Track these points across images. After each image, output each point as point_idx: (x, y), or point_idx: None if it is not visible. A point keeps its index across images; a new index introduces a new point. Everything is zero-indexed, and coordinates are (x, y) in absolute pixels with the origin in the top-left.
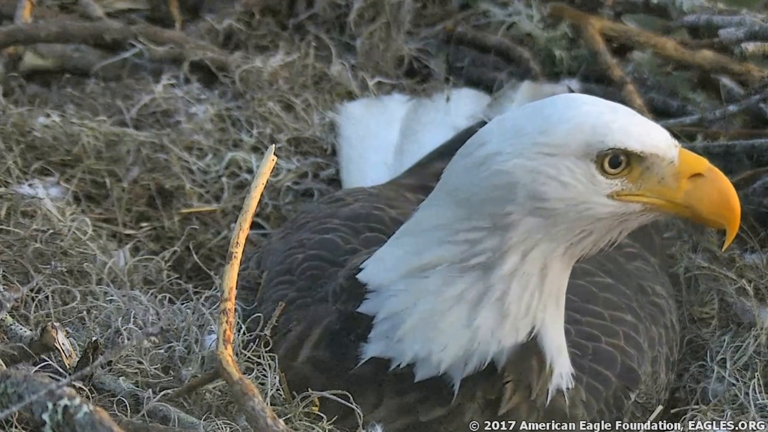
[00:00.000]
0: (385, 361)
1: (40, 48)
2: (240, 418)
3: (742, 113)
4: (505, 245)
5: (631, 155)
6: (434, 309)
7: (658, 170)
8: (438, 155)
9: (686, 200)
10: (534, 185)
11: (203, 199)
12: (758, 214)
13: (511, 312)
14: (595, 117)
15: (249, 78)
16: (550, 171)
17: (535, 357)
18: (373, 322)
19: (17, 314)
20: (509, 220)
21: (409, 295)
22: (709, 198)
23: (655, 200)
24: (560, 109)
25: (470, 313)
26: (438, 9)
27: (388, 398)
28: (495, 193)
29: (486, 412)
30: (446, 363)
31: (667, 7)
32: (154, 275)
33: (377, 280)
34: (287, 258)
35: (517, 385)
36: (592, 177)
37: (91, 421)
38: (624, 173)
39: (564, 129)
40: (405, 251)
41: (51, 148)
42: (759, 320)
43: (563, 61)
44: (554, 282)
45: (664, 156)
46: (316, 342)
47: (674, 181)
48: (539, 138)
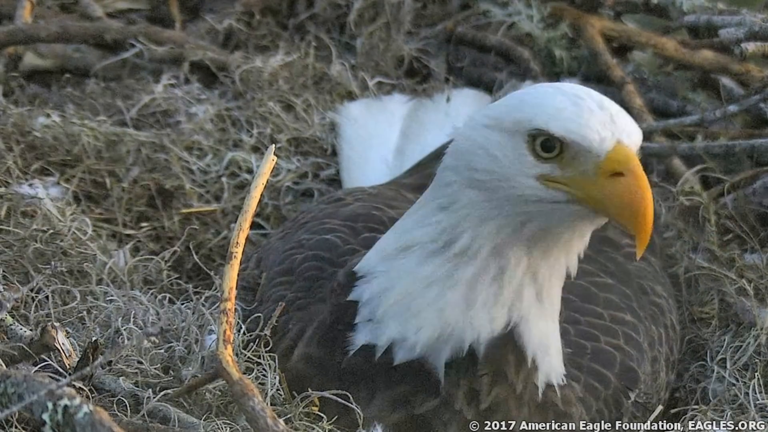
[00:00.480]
0: (371, 349)
1: (40, 48)
2: (240, 418)
3: (742, 113)
4: (456, 222)
5: (563, 142)
6: (408, 290)
7: (584, 162)
8: (438, 156)
9: (599, 196)
10: (468, 154)
11: (203, 199)
12: (758, 214)
13: (477, 298)
14: (538, 98)
15: (249, 78)
16: (482, 141)
17: (512, 351)
18: (358, 306)
19: (17, 314)
20: (453, 191)
21: (389, 277)
22: (619, 198)
23: (576, 192)
24: (527, 89)
25: (438, 295)
26: (438, 9)
27: (380, 391)
28: (448, 161)
29: (472, 404)
30: (421, 345)
31: (667, 7)
32: (154, 275)
33: (366, 266)
34: (287, 258)
35: (495, 378)
36: (520, 155)
37: (91, 421)
38: (556, 159)
39: (505, 104)
40: (391, 235)
41: (51, 148)
42: (759, 320)
43: (563, 61)
44: (520, 274)
45: (590, 148)
46: (309, 339)
47: (595, 176)
48: (486, 110)
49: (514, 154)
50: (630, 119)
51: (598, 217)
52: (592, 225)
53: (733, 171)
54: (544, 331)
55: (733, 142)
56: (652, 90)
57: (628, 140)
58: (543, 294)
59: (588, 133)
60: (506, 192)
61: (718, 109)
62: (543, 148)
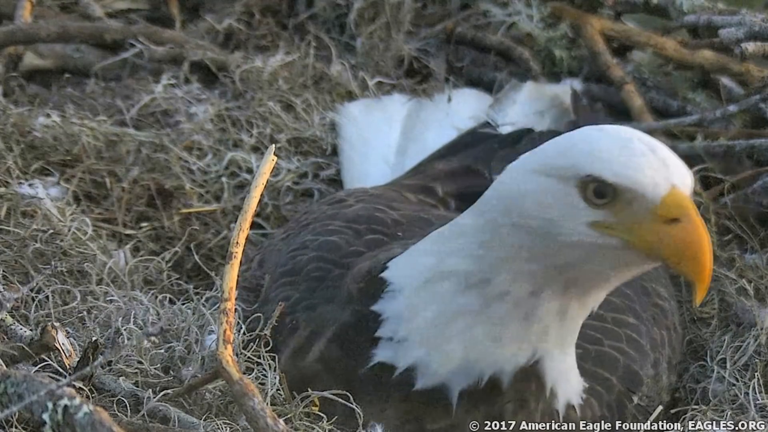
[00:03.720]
0: (390, 367)
1: (40, 48)
2: (240, 418)
3: (742, 113)
4: (498, 261)
5: (616, 188)
6: (437, 317)
7: (638, 208)
8: (440, 156)
9: (655, 243)
10: (518, 199)
11: (203, 199)
12: (758, 214)
13: (505, 334)
14: (588, 143)
15: (249, 78)
16: (532, 187)
17: (534, 381)
18: (380, 319)
19: (17, 314)
20: (501, 233)
21: (418, 299)
22: (678, 245)
23: (631, 238)
24: (574, 133)
25: (467, 327)
26: (438, 9)
27: (394, 403)
28: (495, 204)
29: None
30: (443, 373)
31: (667, 7)
32: (155, 275)
33: (394, 278)
34: (291, 259)
35: (519, 405)
36: (572, 202)
37: (91, 421)
38: (609, 206)
39: (556, 149)
40: (431, 256)
41: (51, 148)
42: (759, 320)
43: (563, 61)
44: (551, 314)
45: (643, 194)
46: (330, 339)
47: (651, 223)
48: (537, 155)
49: (565, 201)
50: (680, 162)
51: (652, 262)
52: (643, 269)
53: (733, 171)
54: (564, 361)
55: (733, 142)
56: (652, 90)
57: (681, 184)
58: (568, 330)
59: (642, 179)
60: (557, 238)
61: (718, 109)
62: (595, 194)
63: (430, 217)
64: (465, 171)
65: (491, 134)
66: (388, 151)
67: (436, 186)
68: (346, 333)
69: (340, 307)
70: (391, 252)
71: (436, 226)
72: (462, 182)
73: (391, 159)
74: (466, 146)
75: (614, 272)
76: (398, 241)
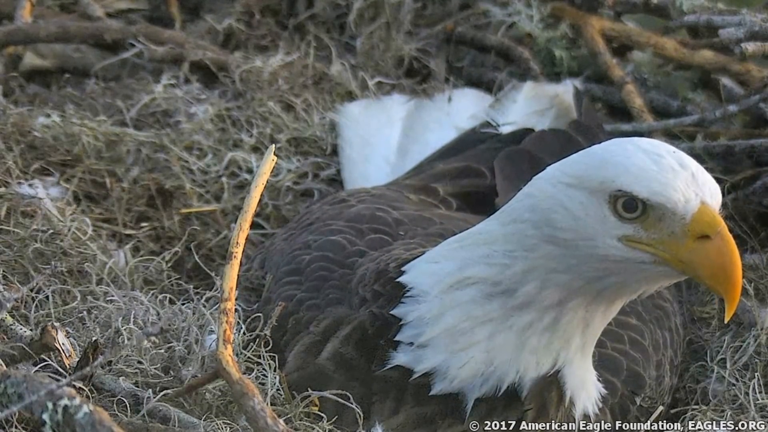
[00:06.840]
0: (407, 370)
1: (40, 48)
2: (240, 418)
3: (742, 113)
4: (526, 271)
5: (646, 203)
6: (460, 324)
7: (670, 223)
8: (440, 156)
9: (688, 259)
10: (548, 212)
11: (203, 199)
12: (758, 214)
13: (527, 344)
14: (622, 158)
15: (249, 78)
16: (563, 200)
17: (555, 390)
18: (401, 323)
19: (17, 314)
20: (530, 243)
21: (441, 305)
22: (708, 261)
23: (662, 253)
24: (606, 145)
25: (490, 335)
26: (438, 9)
27: (408, 406)
28: (524, 215)
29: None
30: (460, 379)
31: (667, 7)
32: (155, 275)
33: (421, 285)
34: (294, 259)
35: (539, 413)
36: (603, 216)
37: (91, 421)
38: (639, 220)
39: (587, 163)
40: (453, 262)
41: (51, 148)
42: (759, 320)
43: (563, 61)
44: (574, 325)
45: (674, 210)
46: (344, 339)
47: (683, 238)
48: (567, 167)
49: (596, 214)
50: (710, 177)
51: (681, 276)
52: (671, 282)
53: (733, 171)
54: (583, 369)
55: (733, 142)
56: (652, 90)
57: (711, 200)
58: (590, 338)
59: (673, 195)
60: (588, 251)
61: (718, 109)
62: (624, 208)
63: (432, 217)
64: (466, 171)
65: (492, 134)
66: (388, 151)
67: (437, 186)
68: (363, 334)
69: (353, 307)
70: (394, 253)
71: (438, 225)
72: (463, 182)
73: (392, 159)
74: (467, 146)
75: (642, 285)
76: (400, 240)
